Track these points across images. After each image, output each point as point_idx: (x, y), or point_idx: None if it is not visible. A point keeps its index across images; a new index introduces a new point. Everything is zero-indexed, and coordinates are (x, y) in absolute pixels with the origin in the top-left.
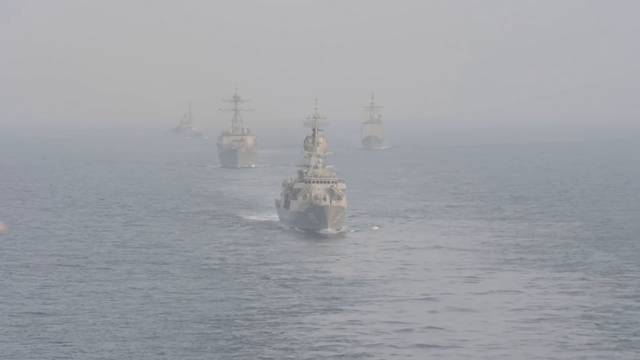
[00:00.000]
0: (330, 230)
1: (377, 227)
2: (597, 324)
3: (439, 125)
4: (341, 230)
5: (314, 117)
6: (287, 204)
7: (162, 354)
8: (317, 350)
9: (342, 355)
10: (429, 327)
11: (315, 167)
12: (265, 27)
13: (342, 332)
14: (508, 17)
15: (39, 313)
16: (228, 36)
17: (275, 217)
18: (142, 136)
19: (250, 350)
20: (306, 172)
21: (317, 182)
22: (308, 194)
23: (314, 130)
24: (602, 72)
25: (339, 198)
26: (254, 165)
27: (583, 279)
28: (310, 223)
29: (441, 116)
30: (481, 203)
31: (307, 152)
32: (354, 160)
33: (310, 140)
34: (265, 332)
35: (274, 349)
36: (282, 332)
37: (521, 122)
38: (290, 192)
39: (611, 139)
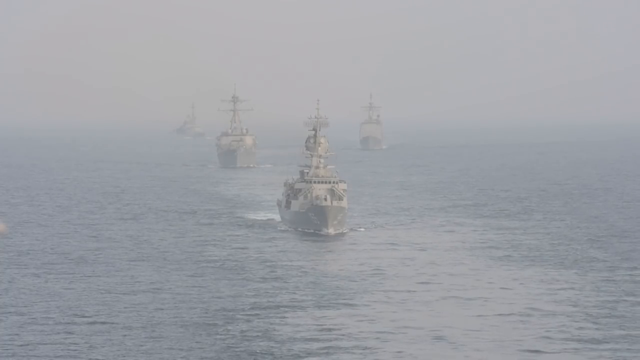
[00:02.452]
0: (330, 230)
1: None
2: (590, 319)
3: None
4: (342, 231)
5: (315, 117)
6: (288, 204)
7: (161, 338)
8: (312, 343)
9: (336, 348)
10: (425, 323)
11: (317, 167)
12: (255, 23)
13: (338, 327)
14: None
15: (43, 311)
16: (221, 32)
17: (275, 217)
18: (146, 136)
19: (247, 343)
20: (307, 172)
21: (318, 182)
22: (309, 194)
23: (315, 130)
24: (578, 73)
25: (340, 198)
26: (253, 165)
27: (576, 275)
28: (311, 223)
29: (416, 116)
30: (477, 202)
31: (308, 152)
32: (353, 161)
33: (311, 141)
34: (262, 327)
35: (271, 341)
36: (279, 328)
37: (499, 122)
38: (292, 192)
39: (587, 140)
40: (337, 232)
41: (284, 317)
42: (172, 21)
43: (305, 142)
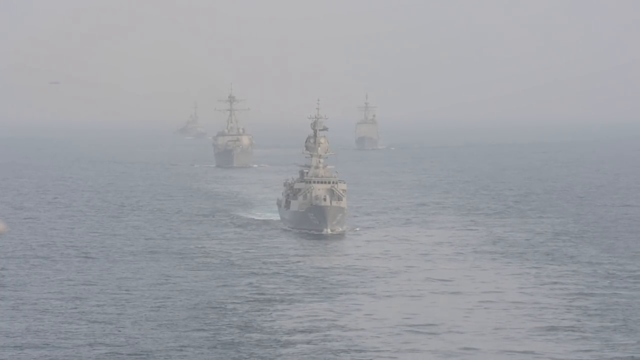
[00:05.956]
0: (330, 230)
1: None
2: (579, 311)
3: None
4: (341, 230)
5: (316, 118)
6: (287, 204)
7: (158, 331)
8: (306, 335)
9: (329, 341)
10: (421, 318)
11: (316, 167)
12: (249, 21)
13: (332, 322)
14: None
15: (44, 310)
16: (217, 30)
17: (274, 217)
18: (149, 136)
19: (242, 335)
20: (307, 172)
21: (318, 182)
22: (308, 194)
23: (315, 130)
24: (574, 71)
25: (339, 198)
26: (251, 165)
27: (570, 270)
28: (311, 223)
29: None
30: (472, 201)
31: (308, 152)
32: (349, 161)
33: (311, 141)
34: (258, 321)
35: (264, 334)
36: (274, 322)
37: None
38: (291, 192)
39: (574, 140)
40: (337, 231)
41: (280, 312)
42: (168, 19)
43: (305, 142)
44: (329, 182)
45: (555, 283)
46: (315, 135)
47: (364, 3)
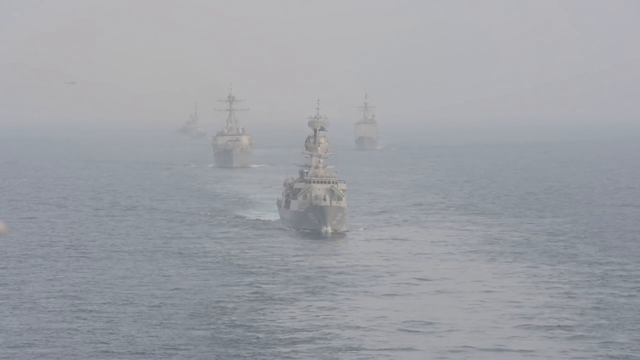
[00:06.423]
0: (330, 230)
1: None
2: (574, 310)
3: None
4: (341, 230)
5: (315, 117)
6: (287, 204)
7: (156, 329)
8: (304, 333)
9: (328, 340)
10: (418, 315)
11: (316, 167)
12: (246, 20)
13: (332, 321)
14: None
15: (44, 309)
16: (215, 30)
17: (274, 216)
18: (149, 136)
19: (241, 334)
20: (307, 172)
21: (318, 182)
22: (308, 194)
23: (315, 130)
24: (574, 69)
25: (339, 198)
26: (251, 165)
27: (567, 270)
28: (310, 223)
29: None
30: (470, 201)
31: (308, 152)
32: (349, 160)
33: (311, 140)
34: (255, 319)
35: (261, 332)
36: (272, 320)
37: (486, 122)
38: (291, 192)
39: (573, 140)
40: (337, 231)
41: (280, 311)
42: (168, 19)
43: (305, 142)
44: (329, 182)
45: (552, 282)
46: (315, 135)
47: (363, 3)
